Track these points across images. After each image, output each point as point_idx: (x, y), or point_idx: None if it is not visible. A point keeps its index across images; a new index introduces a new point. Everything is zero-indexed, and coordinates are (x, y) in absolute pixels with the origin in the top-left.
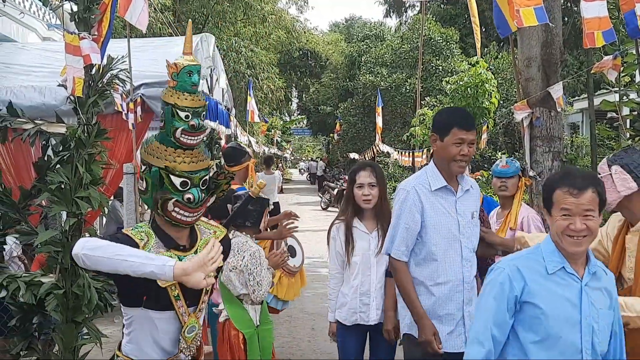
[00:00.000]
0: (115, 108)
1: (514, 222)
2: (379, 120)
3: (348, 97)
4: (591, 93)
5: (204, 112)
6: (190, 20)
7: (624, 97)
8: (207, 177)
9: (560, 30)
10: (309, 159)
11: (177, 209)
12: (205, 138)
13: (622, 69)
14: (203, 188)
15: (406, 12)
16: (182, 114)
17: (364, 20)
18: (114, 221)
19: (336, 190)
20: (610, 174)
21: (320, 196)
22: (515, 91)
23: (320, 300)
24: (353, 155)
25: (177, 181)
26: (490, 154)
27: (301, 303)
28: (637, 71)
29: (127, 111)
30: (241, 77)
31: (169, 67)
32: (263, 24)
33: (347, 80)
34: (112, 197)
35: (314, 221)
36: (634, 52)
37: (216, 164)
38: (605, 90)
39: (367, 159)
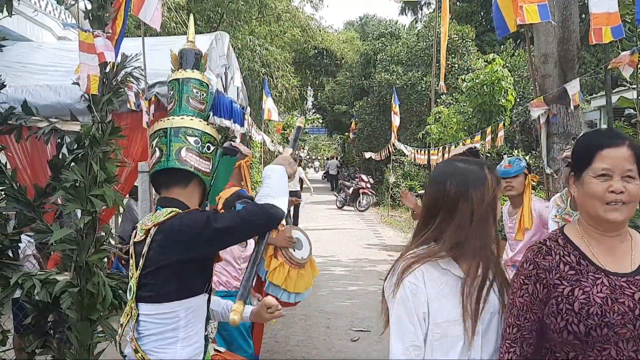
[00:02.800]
0: (129, 106)
1: (528, 222)
2: (396, 119)
3: (363, 96)
4: (609, 90)
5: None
6: (192, 14)
7: None
8: None
9: (577, 27)
10: (325, 157)
11: None
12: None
13: (639, 65)
14: None
15: (421, 9)
16: None
17: (378, 19)
18: (129, 220)
19: (351, 189)
20: None
21: (335, 195)
22: (532, 89)
23: (335, 299)
24: (369, 154)
25: None
26: (507, 152)
27: (316, 302)
28: None
29: (142, 109)
30: (256, 76)
31: (172, 58)
32: (278, 22)
33: (363, 78)
34: (127, 196)
35: (329, 220)
36: None
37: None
38: (622, 88)
39: (382, 157)
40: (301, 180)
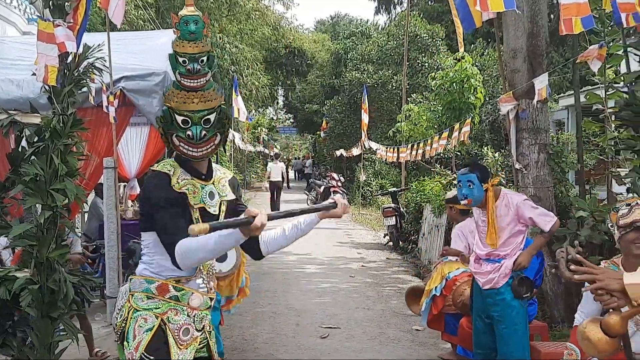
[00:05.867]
0: (90, 100)
1: (493, 238)
2: (365, 117)
3: (334, 95)
4: (577, 85)
5: (204, 58)
6: None
7: (610, 89)
8: (210, 116)
9: (546, 22)
10: (294, 157)
11: (181, 144)
12: (208, 80)
13: (606, 61)
14: (206, 127)
15: (395, 8)
16: (180, 59)
17: (349, 18)
18: (95, 218)
19: (323, 187)
20: None
21: (306, 193)
22: (501, 88)
23: (305, 296)
24: (340, 152)
25: (179, 119)
26: (477, 151)
27: (286, 299)
28: (624, 61)
29: (108, 104)
30: (225, 74)
31: (172, 18)
32: (247, 20)
33: (333, 77)
34: (91, 192)
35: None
36: (620, 43)
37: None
38: (589, 87)
39: (353, 156)
40: (282, 174)
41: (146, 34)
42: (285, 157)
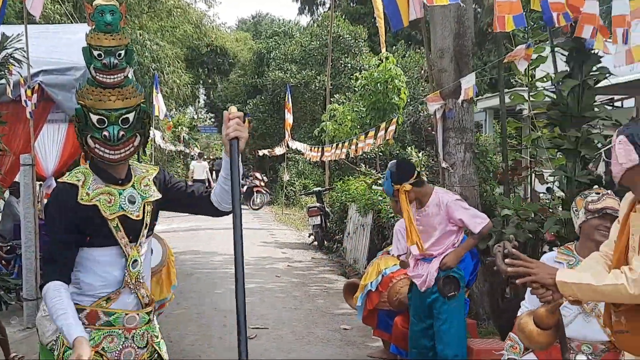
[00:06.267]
0: (8, 94)
1: (413, 238)
2: (289, 117)
3: (257, 94)
4: (502, 85)
5: (122, 52)
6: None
7: (533, 90)
8: (128, 115)
9: (472, 23)
10: (216, 157)
11: (97, 146)
12: (126, 76)
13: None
14: (125, 127)
15: (317, 9)
16: (95, 53)
17: (271, 17)
18: (10, 217)
19: (245, 187)
20: (615, 144)
21: None
22: (422, 90)
23: (231, 296)
24: (263, 152)
25: (94, 118)
26: (398, 152)
27: (212, 300)
28: (551, 61)
29: (26, 98)
30: (146, 71)
31: (86, 8)
32: (169, 17)
33: (256, 77)
34: (7, 191)
35: (223, 219)
36: (543, 44)
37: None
38: (506, 90)
39: (277, 155)
40: (206, 172)
41: (65, 28)
42: (207, 156)
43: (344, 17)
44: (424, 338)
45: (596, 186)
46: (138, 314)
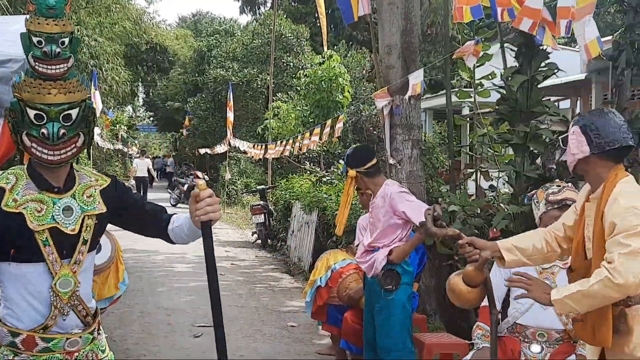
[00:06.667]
0: None
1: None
2: (231, 115)
3: (197, 92)
4: (449, 82)
5: (66, 40)
6: None
7: (479, 87)
8: (71, 111)
9: (419, 20)
10: (155, 156)
11: (34, 145)
12: (69, 67)
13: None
14: (66, 124)
15: (259, 8)
16: (35, 40)
17: (212, 16)
18: None
19: (186, 186)
20: (569, 134)
21: (169, 192)
22: (364, 90)
23: (175, 295)
24: (204, 150)
25: (31, 114)
26: (340, 151)
27: (155, 298)
28: (498, 58)
29: None
30: (84, 67)
31: None
32: (108, 13)
33: (197, 75)
34: None
35: None
36: (489, 42)
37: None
38: (442, 91)
39: (218, 154)
40: (148, 170)
41: (2, 19)
42: (149, 154)
43: (286, 16)
44: (372, 327)
45: (557, 179)
46: (81, 337)
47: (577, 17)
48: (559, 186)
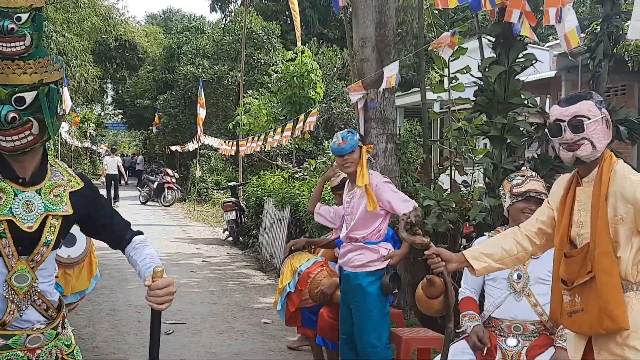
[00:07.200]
0: None
1: (373, 204)
2: (202, 112)
3: (167, 90)
4: (423, 76)
5: (23, 15)
6: None
7: (453, 81)
8: (24, 94)
9: (393, 12)
10: (124, 154)
11: None
12: (28, 45)
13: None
14: (19, 107)
15: (229, 6)
16: None
17: (182, 13)
18: None
19: (156, 183)
20: (603, 117)
21: (139, 189)
22: (335, 87)
23: (145, 292)
24: (175, 147)
25: None
26: (312, 148)
27: (125, 295)
28: (474, 53)
29: None
30: None
31: None
32: (76, 9)
33: (166, 72)
34: None
35: (132, 215)
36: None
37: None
38: (417, 89)
39: (188, 151)
40: (118, 167)
41: None
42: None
43: (256, 13)
44: (349, 321)
45: (524, 167)
46: (43, 333)
47: (567, 3)
48: (524, 176)
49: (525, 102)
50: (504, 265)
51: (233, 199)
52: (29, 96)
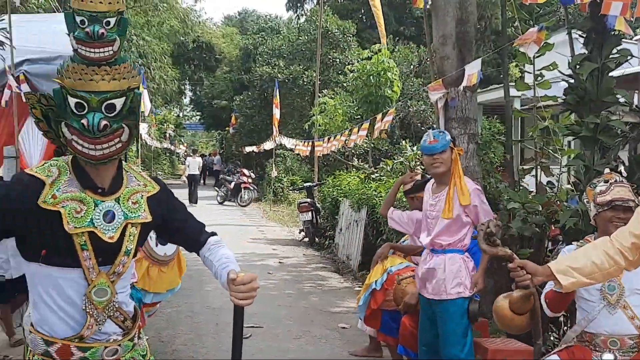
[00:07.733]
0: None
1: (466, 199)
2: (277, 112)
3: (243, 90)
4: (506, 73)
5: (112, 20)
6: None
7: (539, 78)
8: (115, 101)
9: (475, 9)
10: (203, 154)
11: (75, 138)
12: (116, 51)
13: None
14: (110, 114)
15: (304, 5)
16: (78, 19)
17: (257, 14)
18: None
19: (233, 183)
20: None
21: (216, 190)
22: (411, 85)
23: (223, 294)
24: (250, 148)
25: (72, 102)
26: (387, 147)
27: (203, 298)
28: (568, 39)
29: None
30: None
31: None
32: (155, 12)
33: (243, 73)
34: None
35: (209, 215)
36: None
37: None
38: (497, 85)
39: (264, 152)
40: (199, 168)
41: (51, 16)
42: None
43: (332, 12)
44: (431, 333)
45: (607, 170)
46: (120, 345)
47: None
48: (607, 181)
49: (619, 100)
50: (593, 280)
51: (309, 200)
52: (119, 102)
